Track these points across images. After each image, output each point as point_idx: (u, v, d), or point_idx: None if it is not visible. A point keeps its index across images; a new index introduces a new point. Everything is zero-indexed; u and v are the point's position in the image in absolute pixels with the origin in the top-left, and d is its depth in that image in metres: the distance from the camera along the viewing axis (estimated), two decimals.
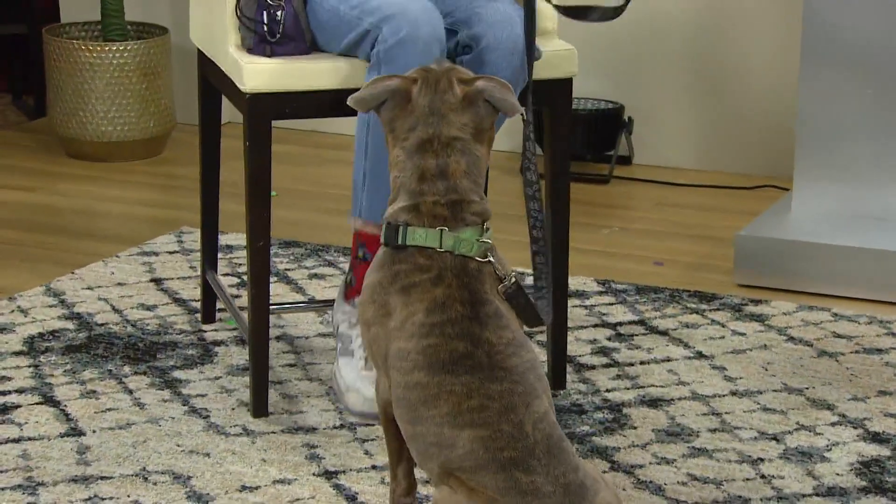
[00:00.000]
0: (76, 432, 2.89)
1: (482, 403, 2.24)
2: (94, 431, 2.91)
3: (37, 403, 3.00)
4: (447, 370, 2.26)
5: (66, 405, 3.01)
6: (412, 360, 2.28)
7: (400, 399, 2.30)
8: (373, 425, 2.83)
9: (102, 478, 2.73)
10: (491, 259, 2.33)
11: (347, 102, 2.39)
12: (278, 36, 2.88)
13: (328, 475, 2.74)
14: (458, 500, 2.22)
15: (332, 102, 2.89)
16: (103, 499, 2.66)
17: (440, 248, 2.32)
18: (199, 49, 3.22)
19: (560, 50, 3.01)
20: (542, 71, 2.95)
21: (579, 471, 2.24)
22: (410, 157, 2.35)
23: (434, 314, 2.29)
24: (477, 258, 2.32)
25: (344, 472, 2.75)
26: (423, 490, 2.55)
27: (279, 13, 2.87)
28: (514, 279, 2.35)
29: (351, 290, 2.99)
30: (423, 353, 2.28)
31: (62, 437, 2.88)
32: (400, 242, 2.34)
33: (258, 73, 2.86)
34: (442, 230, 2.32)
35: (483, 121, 2.37)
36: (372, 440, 2.87)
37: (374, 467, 2.77)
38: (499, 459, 2.20)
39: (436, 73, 2.37)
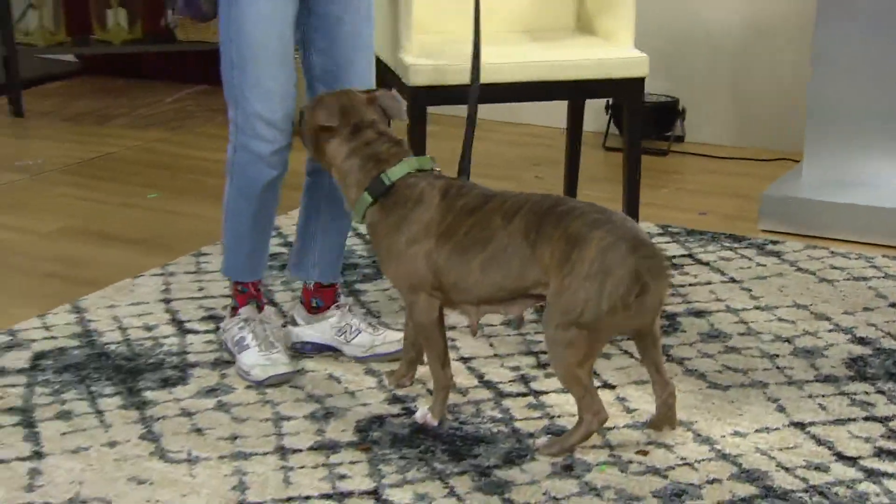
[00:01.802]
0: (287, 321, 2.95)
1: (514, 201, 2.30)
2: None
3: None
4: (484, 203, 2.30)
5: (281, 305, 3.07)
6: (455, 224, 2.30)
7: (467, 249, 2.30)
8: (279, 385, 2.63)
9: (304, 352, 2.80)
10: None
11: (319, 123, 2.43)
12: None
13: (464, 360, 2.76)
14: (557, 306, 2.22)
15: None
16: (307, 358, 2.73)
17: (416, 170, 2.37)
18: (377, 56, 3.24)
19: (635, 57, 3.00)
20: (621, 71, 2.94)
21: None
22: (350, 142, 2.40)
23: (450, 192, 2.34)
24: (435, 168, 2.42)
25: (475, 358, 2.78)
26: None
27: None
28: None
29: (232, 311, 2.76)
30: (463, 210, 2.31)
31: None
32: (388, 184, 2.37)
33: (419, 73, 2.88)
34: (409, 159, 2.39)
35: (383, 117, 2.46)
36: (495, 336, 2.89)
37: (496, 355, 2.78)
38: (546, 209, 2.25)
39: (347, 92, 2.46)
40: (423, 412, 2.48)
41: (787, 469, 2.33)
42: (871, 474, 2.32)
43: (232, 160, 2.60)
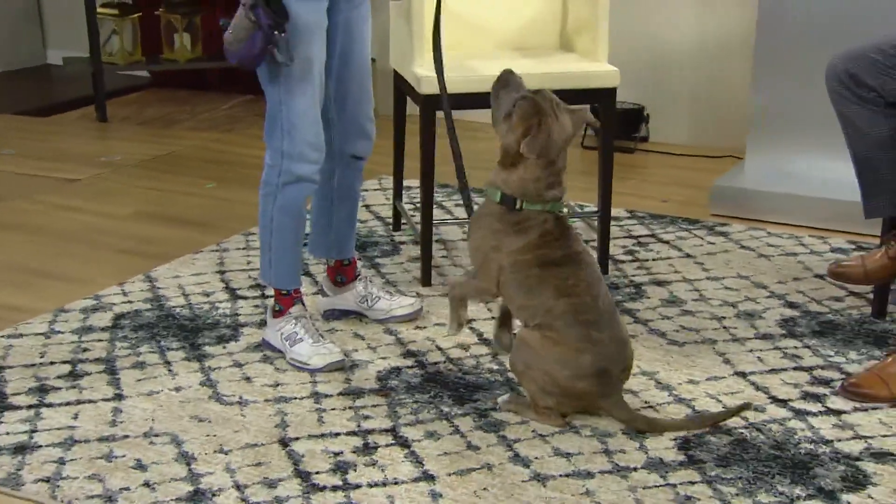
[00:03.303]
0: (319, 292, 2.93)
1: (575, 283, 2.19)
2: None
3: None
4: (554, 265, 2.20)
5: (315, 275, 3.06)
6: (529, 262, 2.20)
7: (520, 285, 2.22)
8: (339, 370, 2.49)
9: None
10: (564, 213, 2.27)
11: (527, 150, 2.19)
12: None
13: (466, 322, 2.74)
14: (537, 338, 2.19)
15: (473, 100, 2.88)
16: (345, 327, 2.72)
17: (546, 209, 2.21)
18: (394, 69, 3.24)
19: (609, 70, 2.98)
20: (597, 82, 2.92)
21: (624, 329, 2.23)
22: (538, 170, 2.20)
23: (545, 237, 2.21)
24: (562, 213, 2.25)
25: (475, 319, 2.78)
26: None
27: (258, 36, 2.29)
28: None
29: (277, 313, 2.56)
30: (538, 258, 2.20)
31: (315, 294, 2.93)
32: (516, 208, 2.21)
33: (430, 83, 2.86)
34: (549, 204, 2.21)
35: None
36: (491, 303, 2.87)
37: (492, 318, 2.77)
38: (582, 321, 2.18)
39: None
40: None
41: None
42: (798, 413, 2.32)
43: (277, 184, 2.43)
